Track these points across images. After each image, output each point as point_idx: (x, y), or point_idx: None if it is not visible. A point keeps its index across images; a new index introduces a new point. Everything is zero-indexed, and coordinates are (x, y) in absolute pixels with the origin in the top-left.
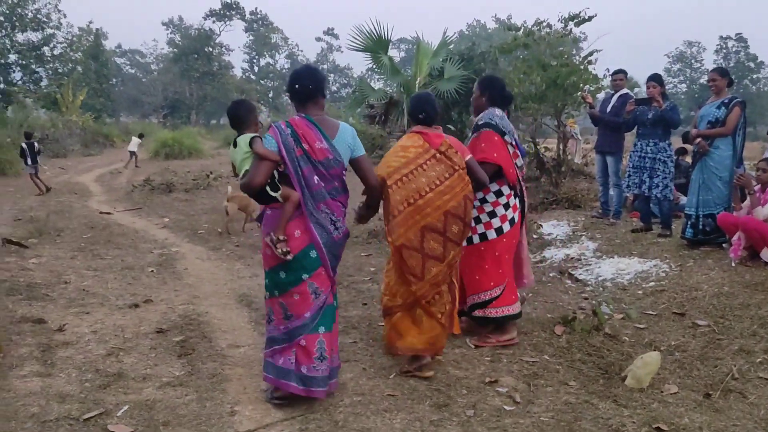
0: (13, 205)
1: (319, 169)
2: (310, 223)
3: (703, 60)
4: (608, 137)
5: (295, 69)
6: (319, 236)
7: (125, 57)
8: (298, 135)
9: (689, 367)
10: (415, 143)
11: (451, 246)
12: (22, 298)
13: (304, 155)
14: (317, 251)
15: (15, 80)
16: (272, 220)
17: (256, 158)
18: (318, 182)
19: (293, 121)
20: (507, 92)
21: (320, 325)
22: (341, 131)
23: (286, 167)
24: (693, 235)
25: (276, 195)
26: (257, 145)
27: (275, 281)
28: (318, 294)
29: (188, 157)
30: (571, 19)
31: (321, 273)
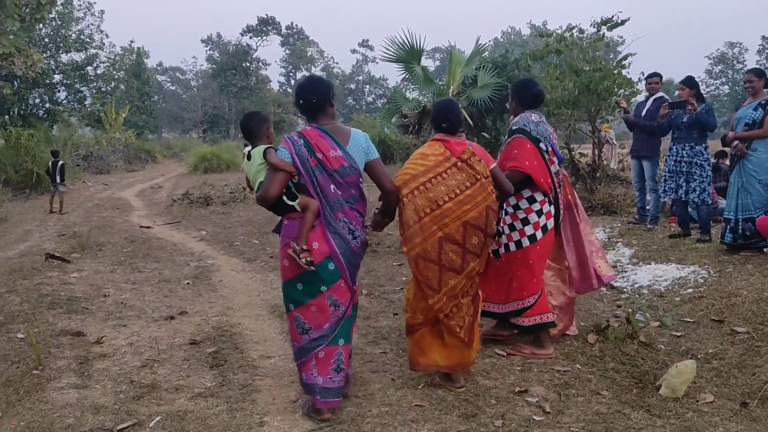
0: (57, 221)
1: (335, 177)
2: (329, 233)
3: (745, 61)
4: (644, 141)
5: (298, 82)
6: (338, 246)
7: (166, 74)
8: (312, 145)
9: (726, 375)
10: (436, 151)
11: (470, 258)
12: (62, 311)
13: (318, 165)
14: (335, 263)
15: (60, 100)
16: (290, 231)
17: (270, 169)
18: (335, 191)
19: (305, 132)
20: (535, 91)
21: (340, 337)
22: (354, 137)
23: (301, 177)
24: (732, 239)
25: (294, 204)
26: (271, 155)
27: (291, 294)
28: (337, 306)
29: (226, 171)
30: (603, 23)
31: (340, 285)
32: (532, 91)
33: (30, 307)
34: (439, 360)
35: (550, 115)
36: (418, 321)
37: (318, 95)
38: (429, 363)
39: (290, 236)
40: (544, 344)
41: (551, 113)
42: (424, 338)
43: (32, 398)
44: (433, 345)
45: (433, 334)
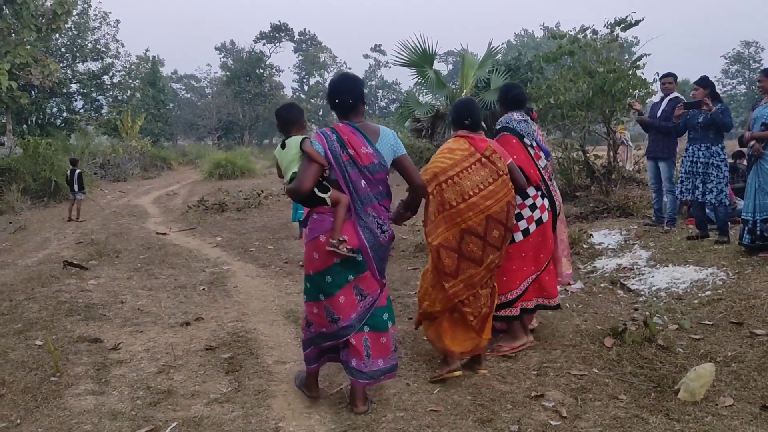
0: (75, 229)
1: (365, 173)
2: (359, 227)
3: (761, 60)
4: (660, 142)
5: (332, 80)
6: (367, 240)
7: (181, 82)
8: (344, 141)
9: (746, 378)
10: (461, 147)
11: (490, 250)
12: (80, 318)
13: (350, 160)
14: (363, 255)
15: (77, 108)
16: (320, 224)
17: (305, 160)
18: (365, 186)
19: (338, 128)
20: (514, 93)
21: (366, 325)
22: (383, 134)
23: (333, 172)
24: (751, 241)
25: (325, 196)
26: (307, 145)
27: (320, 285)
28: (364, 296)
29: (241, 177)
30: (617, 24)
31: (367, 276)
32: (512, 93)
33: (48, 315)
34: (452, 346)
35: (564, 117)
36: (437, 309)
37: (354, 95)
38: (444, 348)
39: (319, 230)
40: (517, 335)
41: (565, 115)
42: (440, 325)
43: (50, 405)
44: (447, 332)
45: (449, 321)
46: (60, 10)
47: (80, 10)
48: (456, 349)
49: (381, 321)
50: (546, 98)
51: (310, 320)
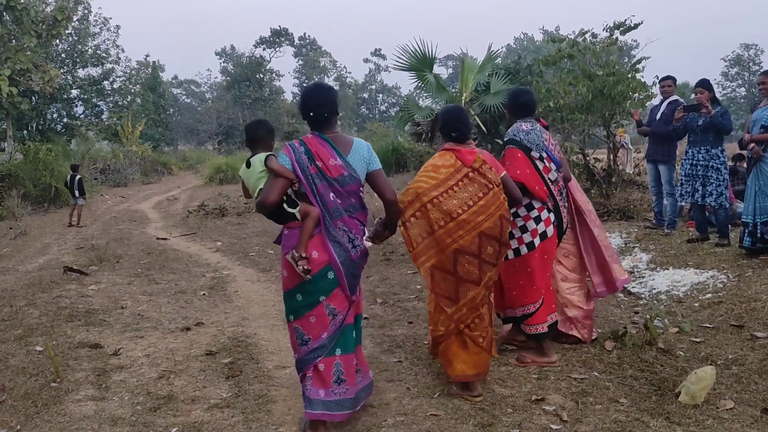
0: (76, 234)
1: (335, 186)
2: (328, 242)
3: (761, 62)
4: (659, 146)
5: (307, 91)
6: (337, 255)
7: (181, 87)
8: (312, 152)
9: (747, 381)
10: (447, 162)
11: (487, 268)
12: (80, 324)
13: (318, 172)
14: (335, 271)
15: (77, 114)
16: (291, 240)
17: (270, 176)
18: (334, 199)
19: (306, 139)
20: (523, 99)
21: (337, 347)
22: (356, 147)
23: (301, 184)
24: (751, 243)
25: (294, 211)
26: (272, 161)
27: (291, 305)
28: (335, 315)
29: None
30: (616, 27)
31: (338, 294)
32: (520, 100)
33: (48, 320)
34: (465, 369)
35: (564, 120)
36: (440, 333)
37: (330, 109)
38: (456, 374)
39: (291, 245)
40: (546, 352)
41: (565, 118)
42: (449, 349)
43: (50, 411)
44: (458, 355)
45: (457, 344)
46: (60, 16)
47: (80, 16)
48: (471, 372)
49: (350, 341)
50: (546, 102)
51: (306, 337)
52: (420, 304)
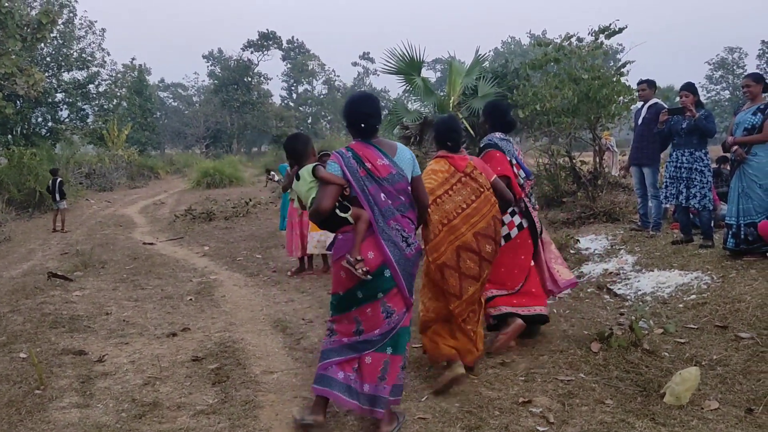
0: (60, 240)
1: (384, 185)
2: (382, 242)
3: (745, 66)
4: (643, 149)
5: (357, 101)
6: (392, 254)
7: (168, 90)
8: (360, 156)
9: (731, 381)
10: (442, 167)
11: (485, 265)
12: (64, 330)
13: (368, 175)
14: (390, 270)
15: (62, 118)
16: (345, 244)
17: (321, 184)
18: (385, 199)
19: (353, 145)
20: (510, 119)
21: (388, 345)
22: (400, 150)
23: (352, 188)
24: (735, 245)
25: (347, 215)
26: (320, 171)
27: (350, 300)
28: (390, 314)
29: (229, 186)
30: (601, 31)
31: (395, 293)
32: (507, 119)
33: (32, 327)
34: (449, 351)
35: (550, 123)
36: (432, 318)
37: (378, 119)
38: (443, 353)
39: (345, 250)
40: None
41: (551, 122)
42: (436, 332)
43: (34, 418)
44: (446, 341)
45: (446, 328)
46: (45, 19)
47: (65, 20)
48: (452, 353)
49: (402, 343)
50: (532, 105)
51: (335, 330)
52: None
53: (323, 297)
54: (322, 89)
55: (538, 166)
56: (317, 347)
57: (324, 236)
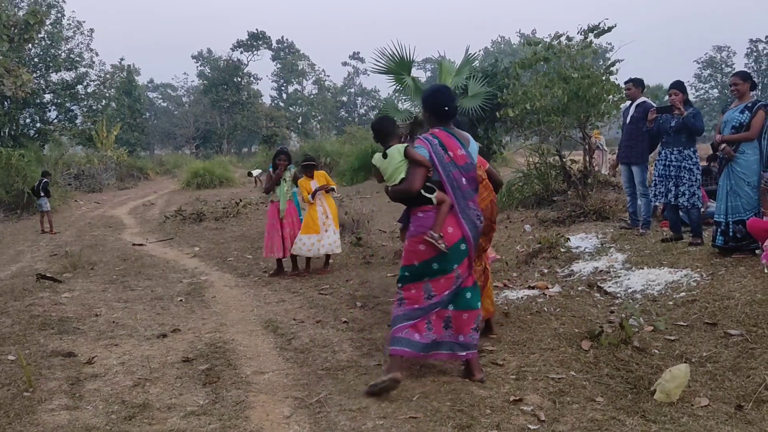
0: (49, 241)
1: (462, 172)
2: (462, 220)
3: (733, 64)
4: (632, 148)
5: (438, 90)
6: (469, 230)
7: (157, 91)
8: (444, 144)
9: (721, 378)
10: None
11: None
12: (53, 332)
13: (451, 161)
14: (467, 243)
15: (51, 119)
16: (427, 221)
17: (412, 165)
18: (465, 183)
19: (436, 133)
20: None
21: (450, 303)
22: (471, 141)
23: (437, 172)
24: (724, 242)
25: (432, 197)
26: (414, 153)
27: (426, 271)
28: (459, 278)
29: (219, 186)
30: (590, 30)
31: (466, 262)
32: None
33: (21, 329)
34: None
35: (540, 122)
36: None
37: (456, 107)
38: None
39: (427, 225)
40: None
41: (541, 120)
42: None
43: (23, 421)
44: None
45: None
46: (32, 20)
47: (53, 20)
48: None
49: (464, 300)
50: (522, 104)
51: (404, 298)
52: None
53: (314, 297)
54: (312, 89)
55: (529, 165)
56: (308, 347)
57: (312, 239)
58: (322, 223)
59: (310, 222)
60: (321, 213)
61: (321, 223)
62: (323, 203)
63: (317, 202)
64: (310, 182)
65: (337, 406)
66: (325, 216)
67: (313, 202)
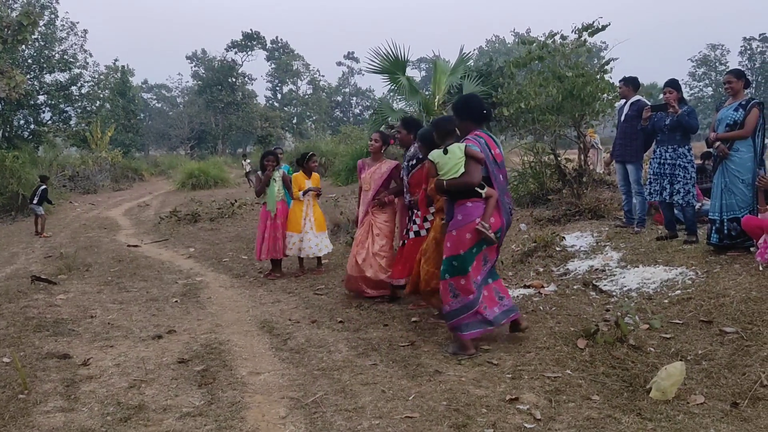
0: (44, 243)
1: (500, 168)
2: (501, 211)
3: (727, 62)
4: (626, 146)
5: (470, 97)
6: (506, 220)
7: (152, 92)
8: (488, 144)
9: (716, 376)
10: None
11: None
12: (48, 334)
13: (493, 159)
14: (502, 232)
15: (45, 120)
16: (474, 210)
17: (471, 162)
18: (502, 179)
19: (480, 134)
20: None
21: (488, 278)
22: (500, 142)
23: (485, 168)
24: (719, 240)
25: (482, 191)
26: (473, 150)
27: (469, 259)
28: (486, 261)
29: (214, 187)
30: (585, 29)
31: (495, 247)
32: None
33: (16, 331)
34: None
35: (535, 121)
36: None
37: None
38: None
39: (475, 214)
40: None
41: (536, 119)
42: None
43: (18, 423)
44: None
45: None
46: (26, 21)
47: (47, 21)
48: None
49: (495, 273)
50: (517, 103)
51: (457, 291)
52: (395, 306)
53: (309, 297)
54: (306, 89)
55: (524, 164)
56: (304, 347)
57: (294, 238)
58: (303, 224)
59: (293, 219)
60: (305, 214)
61: (303, 223)
62: (309, 206)
63: (304, 202)
64: (306, 181)
65: (333, 407)
66: (306, 218)
67: (302, 199)
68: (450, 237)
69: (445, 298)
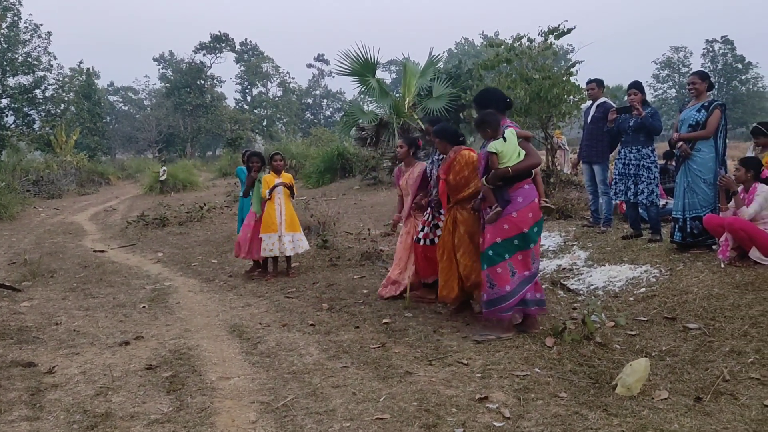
0: (8, 249)
1: None
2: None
3: (690, 64)
4: (593, 147)
5: (488, 90)
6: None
7: (118, 94)
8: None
9: (680, 371)
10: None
11: None
12: (12, 342)
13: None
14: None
15: (8, 124)
16: (531, 192)
17: (526, 143)
18: None
19: (507, 122)
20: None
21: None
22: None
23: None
24: (681, 238)
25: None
26: (524, 131)
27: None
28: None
29: (183, 191)
30: (551, 32)
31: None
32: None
33: None
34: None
35: None
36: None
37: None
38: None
39: (533, 195)
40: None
41: None
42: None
43: None
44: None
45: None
46: None
47: (9, 23)
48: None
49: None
50: None
51: (515, 270)
52: (367, 308)
53: (280, 300)
54: (276, 91)
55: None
56: (274, 351)
57: (272, 238)
58: (279, 223)
59: (268, 220)
60: (278, 213)
61: (278, 222)
62: (281, 203)
63: (275, 201)
64: (276, 179)
65: (303, 410)
66: (281, 216)
67: (270, 198)
68: (509, 219)
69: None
